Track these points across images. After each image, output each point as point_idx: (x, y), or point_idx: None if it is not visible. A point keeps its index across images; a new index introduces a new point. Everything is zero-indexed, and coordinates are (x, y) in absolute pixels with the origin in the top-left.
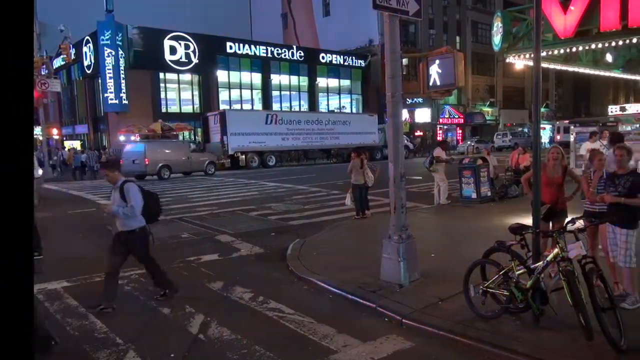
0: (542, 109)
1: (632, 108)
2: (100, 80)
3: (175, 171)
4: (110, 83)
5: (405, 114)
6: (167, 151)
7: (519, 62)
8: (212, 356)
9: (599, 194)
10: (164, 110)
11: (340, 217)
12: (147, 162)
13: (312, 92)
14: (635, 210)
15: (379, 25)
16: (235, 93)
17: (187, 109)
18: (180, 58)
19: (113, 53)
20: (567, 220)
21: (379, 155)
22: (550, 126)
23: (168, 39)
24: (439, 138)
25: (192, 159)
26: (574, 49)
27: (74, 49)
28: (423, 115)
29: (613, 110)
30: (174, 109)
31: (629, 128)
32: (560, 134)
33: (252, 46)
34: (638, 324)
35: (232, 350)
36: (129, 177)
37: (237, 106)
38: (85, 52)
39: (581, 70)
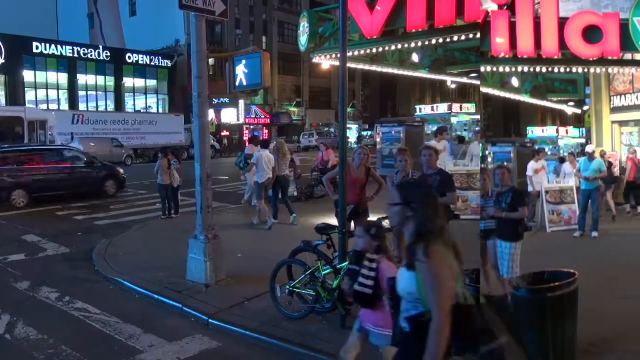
0: (349, 109)
1: (439, 108)
2: None
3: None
4: None
5: (211, 114)
6: (94, 145)
7: (326, 62)
8: (18, 356)
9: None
10: None
11: (147, 217)
12: None
13: (119, 92)
14: (450, 210)
15: (185, 25)
16: (41, 93)
17: None
18: None
19: None
20: (374, 220)
21: (185, 155)
22: (357, 126)
23: None
24: (245, 138)
25: (114, 152)
26: (380, 49)
27: None
28: (229, 115)
29: (419, 109)
30: None
31: (434, 128)
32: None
33: (59, 46)
34: None
35: (39, 350)
36: None
37: (44, 106)
38: None
39: (388, 70)
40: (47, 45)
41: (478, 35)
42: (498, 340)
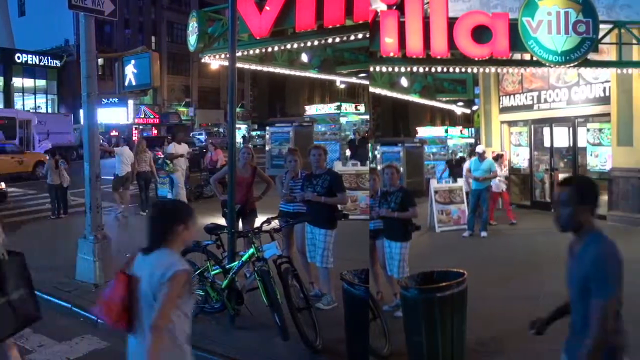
0: (238, 109)
1: (326, 108)
2: None
3: None
4: None
5: (101, 114)
6: None
7: (215, 62)
8: None
9: (298, 194)
10: None
11: (37, 217)
12: None
13: (8, 92)
14: (334, 211)
15: (75, 25)
16: None
17: None
18: None
19: None
20: (263, 220)
21: (75, 155)
22: (246, 126)
23: None
24: (135, 138)
25: None
26: (269, 49)
27: None
28: (119, 115)
29: (314, 109)
30: None
31: (324, 128)
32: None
33: None
34: (333, 324)
35: None
36: None
37: None
38: None
39: (277, 70)
40: None
41: (367, 35)
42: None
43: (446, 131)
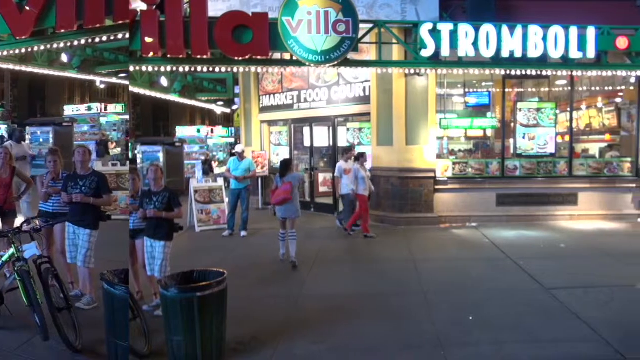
0: None
1: (89, 109)
2: None
3: None
4: None
5: None
6: None
7: None
8: None
9: (64, 195)
10: None
11: None
12: None
13: None
14: (98, 211)
15: None
16: None
17: None
18: None
19: None
20: (23, 220)
21: None
22: (6, 126)
23: None
24: None
25: None
26: (30, 49)
27: None
28: None
29: (69, 110)
30: None
31: (85, 128)
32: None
33: None
34: (92, 324)
35: None
36: None
37: None
38: None
39: (37, 70)
40: None
41: (127, 35)
42: None
43: (198, 130)
